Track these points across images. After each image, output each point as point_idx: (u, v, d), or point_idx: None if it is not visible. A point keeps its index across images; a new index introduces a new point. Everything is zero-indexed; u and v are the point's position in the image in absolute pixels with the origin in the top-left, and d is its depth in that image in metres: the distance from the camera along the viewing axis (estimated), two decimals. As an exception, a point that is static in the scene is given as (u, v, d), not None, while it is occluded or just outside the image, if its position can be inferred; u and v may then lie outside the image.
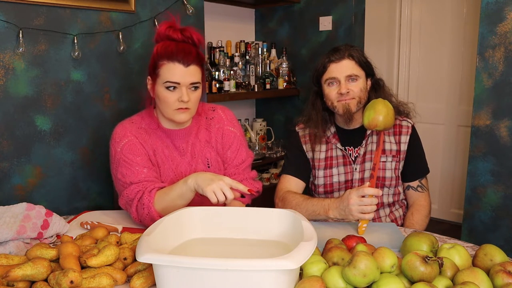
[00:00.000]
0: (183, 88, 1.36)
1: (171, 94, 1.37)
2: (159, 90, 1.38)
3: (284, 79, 3.15)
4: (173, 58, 1.35)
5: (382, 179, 1.59)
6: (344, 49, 1.55)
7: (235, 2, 3.14)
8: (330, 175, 1.63)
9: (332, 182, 1.63)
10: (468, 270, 0.93)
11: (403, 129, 1.63)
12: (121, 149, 1.42)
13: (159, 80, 1.37)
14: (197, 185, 1.28)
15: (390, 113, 1.30)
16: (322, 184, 1.64)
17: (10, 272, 0.94)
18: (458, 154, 3.46)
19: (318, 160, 1.65)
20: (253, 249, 1.15)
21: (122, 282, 1.02)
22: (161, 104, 1.40)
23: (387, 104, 1.30)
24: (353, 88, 1.53)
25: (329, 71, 1.55)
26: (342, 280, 0.92)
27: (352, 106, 1.54)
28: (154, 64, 1.39)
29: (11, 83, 1.63)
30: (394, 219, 1.65)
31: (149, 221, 1.35)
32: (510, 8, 2.18)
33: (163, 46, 1.37)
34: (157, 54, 1.37)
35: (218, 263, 0.87)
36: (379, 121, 1.27)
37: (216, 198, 1.23)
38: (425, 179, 1.67)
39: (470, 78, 3.20)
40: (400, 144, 1.61)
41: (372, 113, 1.28)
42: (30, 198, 1.70)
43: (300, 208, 1.46)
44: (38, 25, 1.67)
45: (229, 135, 1.54)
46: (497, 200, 2.32)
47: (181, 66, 1.35)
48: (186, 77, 1.36)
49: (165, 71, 1.36)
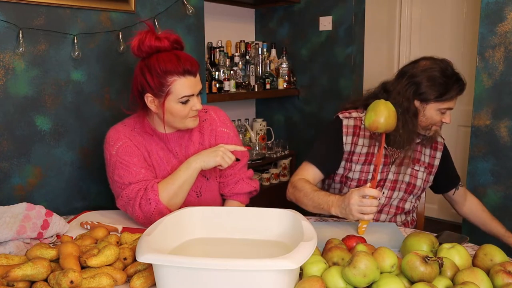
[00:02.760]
0: (194, 98, 1.37)
1: (185, 107, 1.37)
2: (172, 107, 1.36)
3: (284, 79, 3.15)
4: (184, 72, 1.33)
5: (413, 186, 1.63)
6: (463, 85, 1.52)
7: (235, 2, 3.14)
8: (367, 171, 1.59)
9: (367, 178, 1.59)
10: (468, 270, 0.93)
11: (438, 145, 1.68)
12: (116, 152, 1.42)
13: (172, 97, 1.34)
14: (204, 162, 1.36)
15: (391, 115, 1.26)
16: (357, 178, 1.59)
17: (10, 272, 0.94)
18: (458, 154, 3.45)
19: (358, 155, 1.59)
20: (253, 249, 1.15)
21: (122, 282, 1.02)
22: (174, 118, 1.39)
23: (389, 106, 1.27)
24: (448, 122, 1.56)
25: (452, 103, 1.51)
26: (342, 280, 0.92)
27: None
28: (159, 82, 1.33)
29: (11, 83, 1.62)
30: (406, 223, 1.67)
31: (156, 215, 1.34)
32: (510, 8, 2.18)
33: (164, 62, 1.32)
34: (162, 71, 1.32)
35: (218, 263, 0.87)
36: (380, 123, 1.25)
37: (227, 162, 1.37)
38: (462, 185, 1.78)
39: (470, 78, 3.17)
40: (434, 159, 1.66)
41: (373, 115, 1.25)
42: (30, 198, 1.70)
43: (307, 198, 1.46)
44: (38, 25, 1.67)
45: (222, 136, 1.53)
46: (497, 200, 2.31)
47: (192, 78, 1.35)
48: (197, 87, 1.37)
49: (179, 87, 1.33)
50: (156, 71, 1.33)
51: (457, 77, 1.51)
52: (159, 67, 1.32)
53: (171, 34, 1.37)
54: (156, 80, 1.33)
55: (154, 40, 1.34)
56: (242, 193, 1.55)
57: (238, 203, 1.56)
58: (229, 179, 1.54)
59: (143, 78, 1.36)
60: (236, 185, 1.53)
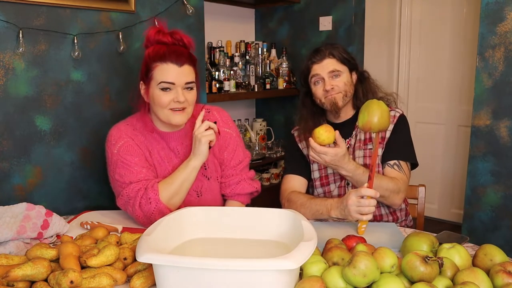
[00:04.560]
0: (178, 89, 1.36)
1: (166, 95, 1.36)
2: (154, 93, 1.37)
3: (284, 79, 3.16)
4: (166, 59, 1.35)
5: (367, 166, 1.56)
6: (325, 49, 1.62)
7: (235, 2, 3.14)
8: (324, 167, 1.65)
9: (327, 173, 1.65)
10: (468, 270, 0.93)
11: None
12: (118, 151, 1.42)
13: (153, 83, 1.37)
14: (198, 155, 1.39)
15: (384, 114, 1.26)
16: (318, 177, 1.67)
17: (10, 272, 0.94)
18: (458, 154, 3.45)
19: None
20: (253, 249, 1.15)
21: (122, 282, 1.02)
22: (156, 106, 1.39)
23: (381, 105, 1.27)
24: (337, 83, 1.59)
25: (313, 70, 1.62)
26: (342, 280, 0.92)
27: (338, 100, 1.60)
28: (146, 68, 1.38)
29: (11, 83, 1.62)
30: (379, 214, 1.64)
31: (157, 214, 1.35)
32: (510, 8, 2.18)
33: (154, 50, 1.37)
34: (149, 57, 1.37)
35: (218, 263, 0.87)
36: (373, 123, 1.25)
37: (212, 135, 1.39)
38: (405, 164, 1.60)
39: (470, 78, 3.19)
40: (385, 131, 1.60)
41: (366, 115, 1.25)
42: (30, 198, 1.70)
43: (304, 208, 1.49)
44: (38, 25, 1.67)
45: (225, 136, 1.53)
46: (497, 200, 2.32)
47: (175, 66, 1.35)
48: (180, 77, 1.36)
49: (159, 73, 1.36)
50: (145, 58, 1.39)
51: (314, 50, 1.64)
52: (148, 54, 1.38)
53: (178, 32, 1.40)
54: (144, 67, 1.40)
55: (155, 33, 1.39)
56: (244, 194, 1.55)
57: (239, 203, 1.56)
58: (230, 180, 1.54)
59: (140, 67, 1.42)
60: (238, 185, 1.54)
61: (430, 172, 3.50)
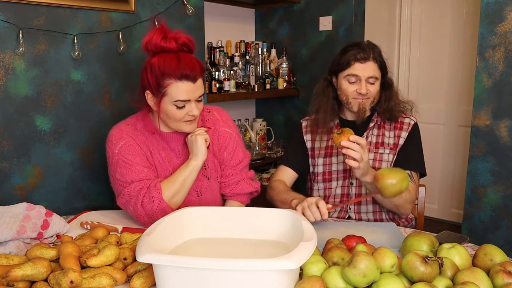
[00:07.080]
0: (192, 104, 1.36)
1: (181, 111, 1.36)
2: (167, 108, 1.36)
3: (284, 79, 3.15)
4: (181, 76, 1.31)
5: (378, 169, 1.57)
6: (369, 50, 1.57)
7: (235, 2, 3.14)
8: (329, 163, 1.65)
9: (331, 170, 1.66)
10: (468, 270, 0.93)
11: (404, 126, 1.65)
12: (119, 151, 1.42)
13: (167, 99, 1.34)
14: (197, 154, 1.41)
15: (398, 191, 1.26)
16: (321, 172, 1.67)
17: (10, 272, 0.94)
18: (458, 154, 3.46)
19: (319, 149, 1.69)
20: (253, 249, 1.15)
21: (122, 282, 1.02)
22: (169, 119, 1.39)
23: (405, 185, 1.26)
24: (371, 89, 1.58)
25: (353, 68, 1.56)
26: (342, 280, 0.92)
27: (367, 105, 1.59)
28: (157, 82, 1.33)
29: (11, 83, 1.63)
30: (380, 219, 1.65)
31: (159, 213, 1.35)
32: (510, 8, 2.18)
33: (164, 63, 1.31)
34: (160, 72, 1.32)
35: (218, 263, 0.87)
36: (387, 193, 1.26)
37: None
38: (416, 174, 1.62)
39: (470, 78, 3.19)
40: (399, 138, 1.63)
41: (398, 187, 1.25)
42: (30, 198, 1.70)
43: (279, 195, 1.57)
44: (38, 25, 1.67)
45: (225, 136, 1.53)
46: (497, 200, 2.32)
47: (189, 84, 1.33)
48: (194, 93, 1.35)
49: (174, 90, 1.32)
50: (155, 71, 1.33)
51: (358, 46, 1.58)
52: (158, 68, 1.32)
53: (181, 36, 1.35)
54: (154, 80, 1.34)
55: (160, 40, 1.33)
56: (243, 194, 1.55)
57: (238, 203, 1.56)
58: (230, 180, 1.54)
59: (145, 75, 1.37)
60: (237, 185, 1.54)
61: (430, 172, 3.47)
